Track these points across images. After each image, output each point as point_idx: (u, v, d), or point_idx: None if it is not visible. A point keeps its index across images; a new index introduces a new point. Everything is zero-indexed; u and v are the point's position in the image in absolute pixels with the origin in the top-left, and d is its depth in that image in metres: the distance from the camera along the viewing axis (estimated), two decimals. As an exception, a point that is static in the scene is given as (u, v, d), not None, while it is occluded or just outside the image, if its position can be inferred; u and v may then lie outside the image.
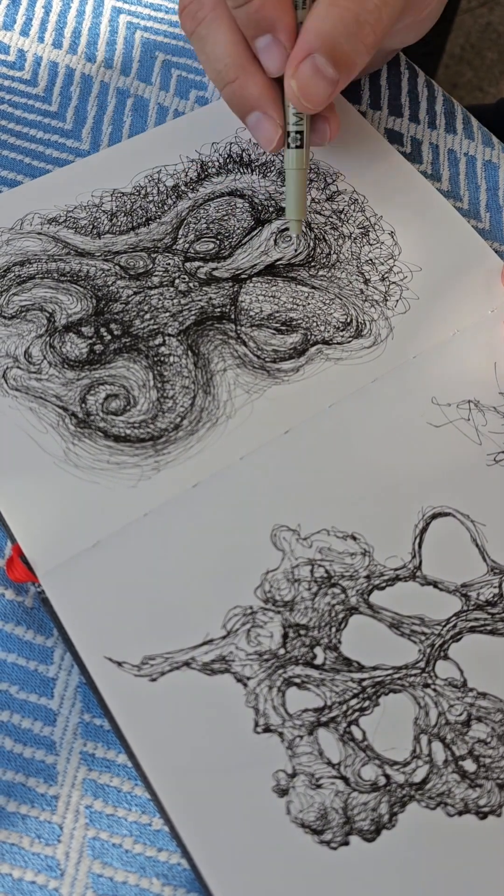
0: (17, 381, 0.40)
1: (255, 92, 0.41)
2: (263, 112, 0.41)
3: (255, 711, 0.34)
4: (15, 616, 0.37)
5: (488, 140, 0.50)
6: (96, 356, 0.41)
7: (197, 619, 0.36)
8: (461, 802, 0.33)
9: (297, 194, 0.42)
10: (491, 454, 0.40)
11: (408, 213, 0.46)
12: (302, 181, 0.42)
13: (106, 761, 0.35)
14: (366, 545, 0.37)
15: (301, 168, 0.42)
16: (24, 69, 0.51)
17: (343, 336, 0.42)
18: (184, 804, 0.33)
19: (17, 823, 0.34)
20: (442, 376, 0.42)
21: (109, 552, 0.37)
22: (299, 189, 0.42)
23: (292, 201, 0.42)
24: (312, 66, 0.39)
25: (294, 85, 0.40)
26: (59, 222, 0.45)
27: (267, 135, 0.42)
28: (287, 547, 0.37)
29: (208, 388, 0.41)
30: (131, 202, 0.46)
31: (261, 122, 0.42)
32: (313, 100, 0.40)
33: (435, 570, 0.37)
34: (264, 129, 0.42)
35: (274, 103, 0.41)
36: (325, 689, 0.35)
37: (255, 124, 0.42)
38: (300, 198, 0.42)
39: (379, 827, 0.33)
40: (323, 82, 0.39)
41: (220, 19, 0.41)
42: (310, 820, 0.33)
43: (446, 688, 0.35)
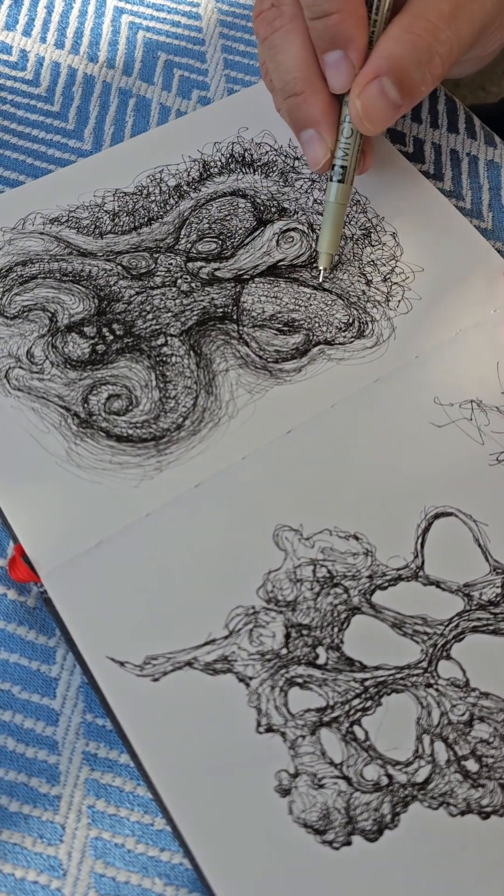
0: (20, 381, 0.40)
1: (317, 110, 0.41)
2: (318, 131, 0.42)
3: (258, 711, 0.34)
4: (17, 616, 0.37)
5: (491, 139, 0.50)
6: (98, 356, 0.41)
7: (199, 619, 0.36)
8: (464, 802, 0.33)
9: (334, 227, 0.43)
10: (493, 454, 0.40)
11: (410, 214, 0.46)
12: (340, 215, 0.43)
13: (108, 761, 0.35)
14: (368, 545, 0.37)
15: (341, 203, 0.43)
16: (27, 69, 0.51)
17: (345, 336, 0.42)
18: (186, 804, 0.33)
19: (20, 823, 0.34)
20: (444, 376, 0.42)
21: (112, 552, 0.37)
22: (336, 222, 0.43)
23: (327, 234, 0.43)
24: (379, 88, 0.40)
25: (359, 104, 0.40)
26: (62, 222, 0.45)
27: (316, 154, 0.42)
28: (289, 547, 0.37)
29: (210, 388, 0.41)
30: (133, 202, 0.46)
31: (313, 141, 0.42)
32: (374, 121, 0.40)
33: (437, 570, 0.37)
34: (315, 148, 0.42)
35: (330, 125, 0.42)
36: (328, 689, 0.35)
37: (307, 141, 0.42)
38: (335, 231, 0.43)
39: (381, 827, 0.33)
40: (387, 105, 0.40)
41: (295, 31, 0.41)
42: (312, 820, 0.33)
43: (449, 688, 0.35)
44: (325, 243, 0.43)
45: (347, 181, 0.43)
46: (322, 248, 0.43)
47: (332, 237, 0.43)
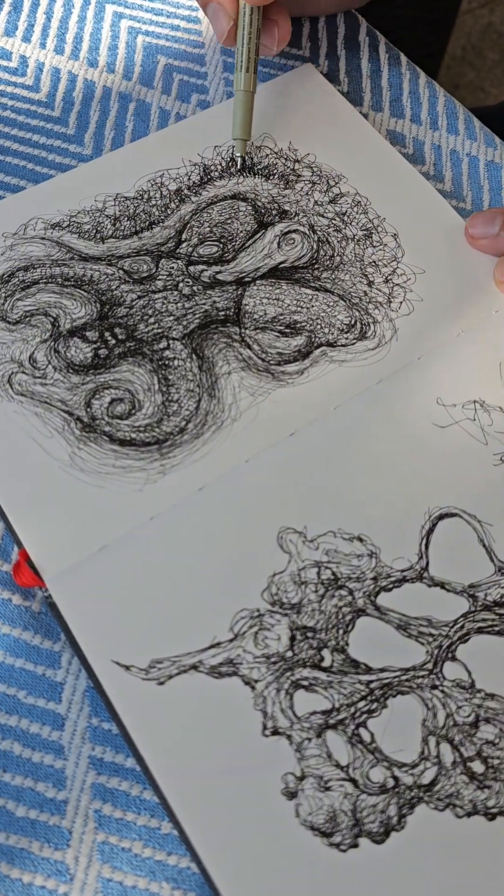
0: (23, 385, 0.40)
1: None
2: (219, 2, 0.45)
3: (263, 714, 0.34)
4: (22, 621, 0.37)
5: (490, 140, 0.50)
6: (101, 360, 0.41)
7: (204, 623, 0.36)
8: (470, 804, 0.33)
9: (243, 114, 0.46)
10: (497, 454, 0.40)
11: (411, 215, 0.46)
12: (248, 102, 0.46)
13: (114, 765, 0.35)
14: (372, 547, 0.37)
15: (248, 90, 0.46)
16: (27, 75, 0.51)
17: (347, 338, 0.42)
18: (192, 808, 0.33)
19: (26, 828, 0.34)
20: (447, 377, 0.42)
21: (116, 556, 0.37)
22: (245, 110, 0.46)
23: (238, 121, 0.46)
24: None
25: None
26: (63, 227, 0.45)
27: (219, 25, 0.46)
28: (293, 549, 0.37)
29: (213, 391, 0.41)
30: (134, 206, 0.46)
31: (216, 13, 0.46)
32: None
33: (442, 571, 0.37)
34: (219, 19, 0.46)
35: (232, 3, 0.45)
36: (333, 692, 0.35)
37: (212, 15, 0.46)
38: (245, 118, 0.46)
39: (388, 829, 0.33)
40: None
41: None
42: (319, 822, 0.33)
43: (454, 689, 0.35)
44: (238, 130, 0.46)
45: (251, 69, 0.46)
46: (235, 135, 0.46)
47: (244, 123, 0.46)
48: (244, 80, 0.46)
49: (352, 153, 0.48)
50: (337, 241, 0.45)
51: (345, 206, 0.46)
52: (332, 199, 0.46)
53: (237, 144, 0.46)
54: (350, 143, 0.48)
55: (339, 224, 0.45)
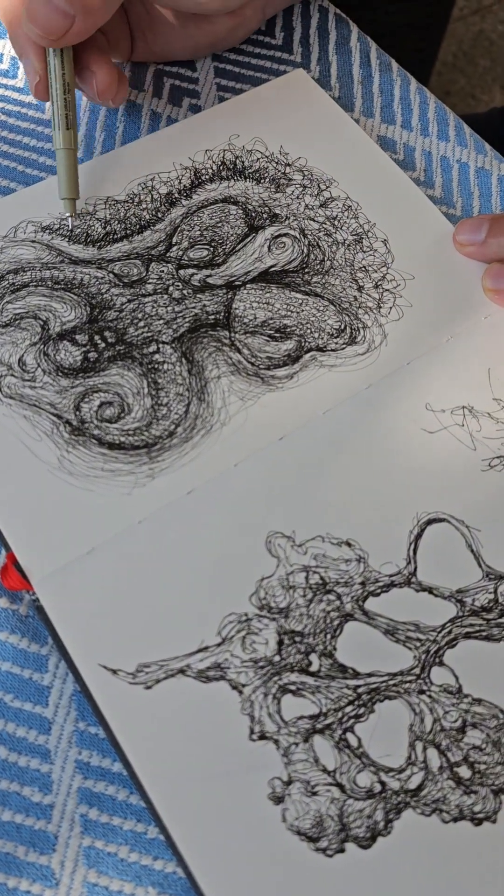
0: (12, 388, 0.40)
1: (22, 36, 0.44)
2: (29, 58, 0.44)
3: (251, 719, 0.34)
4: (9, 624, 0.37)
5: (481, 147, 0.50)
6: (90, 364, 0.41)
7: (192, 627, 0.36)
8: (456, 809, 0.33)
9: (68, 174, 0.44)
10: (486, 460, 0.40)
11: (401, 220, 0.46)
12: (70, 160, 0.44)
13: (101, 770, 0.35)
14: (360, 551, 0.37)
15: (68, 148, 0.44)
16: (17, 77, 0.51)
17: (337, 343, 0.42)
18: (179, 812, 0.33)
19: (12, 832, 0.34)
20: (436, 382, 0.42)
21: (104, 559, 0.37)
22: (69, 168, 0.44)
23: (63, 181, 0.44)
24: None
25: (24, 10, 0.42)
26: (53, 230, 0.45)
27: (30, 80, 0.45)
28: (282, 553, 0.37)
29: (203, 395, 0.41)
30: (125, 210, 0.46)
31: (26, 67, 0.44)
32: (44, 28, 0.41)
33: (430, 576, 0.37)
34: (28, 74, 0.44)
35: (37, 51, 0.44)
36: (321, 696, 0.35)
37: (25, 70, 0.45)
38: (70, 177, 0.44)
39: (374, 834, 0.33)
40: (53, 12, 0.41)
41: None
42: (305, 827, 0.33)
43: (441, 694, 0.35)
44: (64, 189, 0.44)
45: (69, 126, 0.44)
46: (63, 195, 0.44)
47: (69, 183, 0.44)
48: (62, 138, 0.44)
49: (343, 158, 0.48)
50: (327, 245, 0.45)
51: (335, 210, 0.46)
52: (322, 203, 0.46)
53: (65, 204, 0.44)
54: (341, 148, 0.48)
55: (330, 228, 0.45)
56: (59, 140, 0.44)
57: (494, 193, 0.49)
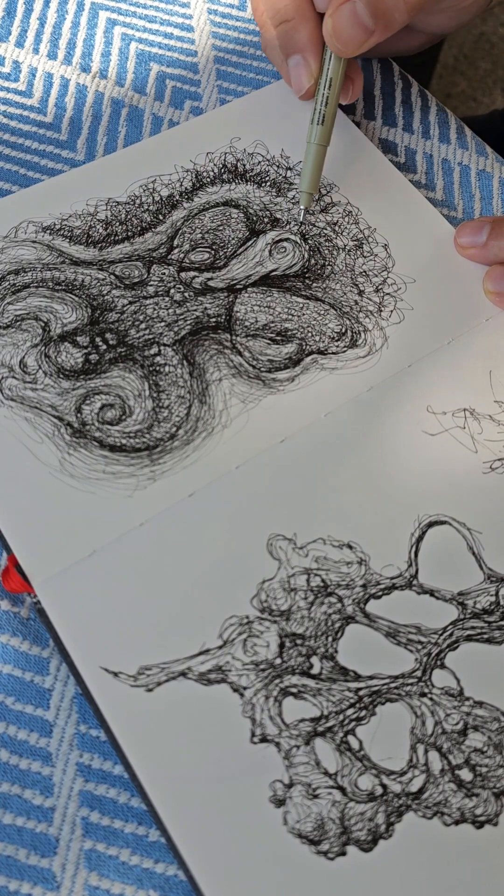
0: (13, 391, 0.40)
1: (305, 36, 0.44)
2: (304, 57, 0.44)
3: (252, 721, 0.34)
4: (11, 627, 0.37)
5: (482, 149, 0.50)
6: (91, 366, 0.41)
7: (193, 629, 0.36)
8: (458, 812, 0.33)
9: (314, 168, 0.45)
10: (487, 462, 0.40)
11: (402, 224, 0.46)
12: (320, 156, 0.45)
13: (102, 772, 0.35)
14: (362, 554, 0.37)
15: (320, 143, 0.45)
16: (20, 80, 0.51)
17: (338, 346, 0.43)
18: (180, 815, 0.33)
19: (13, 835, 0.33)
20: (437, 385, 0.42)
21: (105, 562, 0.37)
22: (316, 163, 0.45)
23: (307, 174, 0.45)
24: (351, 10, 0.42)
25: (329, 24, 0.42)
26: (54, 230, 0.45)
27: (300, 81, 0.45)
28: (283, 556, 0.37)
29: (204, 397, 0.41)
30: (126, 211, 0.46)
31: (299, 67, 0.45)
32: (345, 42, 0.42)
33: (431, 579, 0.37)
34: (300, 74, 0.45)
35: (315, 52, 0.44)
36: (322, 699, 0.35)
37: (294, 67, 0.45)
38: (316, 172, 0.45)
39: (376, 837, 0.33)
40: (357, 29, 0.42)
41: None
42: (307, 830, 0.33)
43: (443, 697, 0.35)
44: (306, 183, 0.45)
45: (326, 123, 0.45)
46: (303, 188, 0.45)
47: (313, 177, 0.45)
48: (318, 133, 0.45)
49: (343, 162, 0.48)
50: (328, 250, 0.45)
51: (336, 215, 0.46)
52: (323, 208, 0.46)
53: (302, 197, 0.45)
54: (342, 152, 0.48)
55: (330, 234, 0.46)
56: (312, 135, 0.45)
57: (495, 196, 0.49)
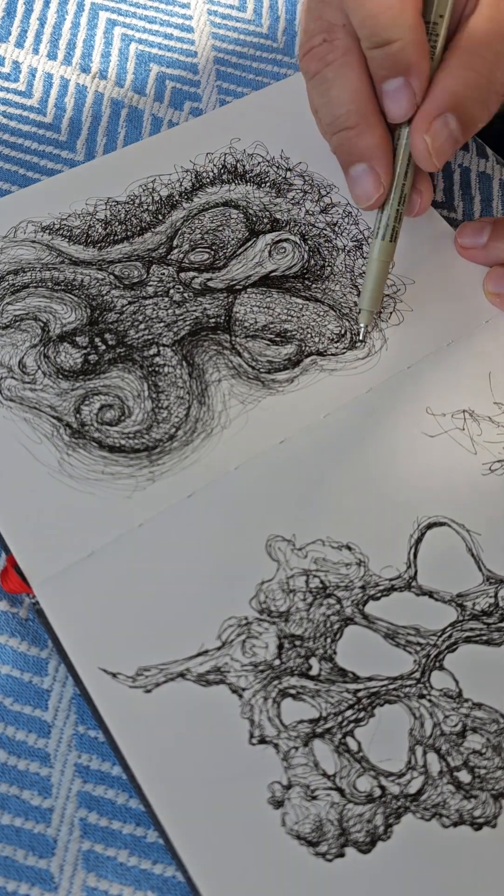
0: (12, 391, 0.40)
1: (371, 143, 0.40)
2: (371, 165, 0.41)
3: (251, 723, 0.34)
4: (9, 627, 0.37)
5: (482, 151, 0.50)
6: (91, 366, 0.41)
7: (192, 630, 0.36)
8: (456, 813, 0.33)
9: (376, 286, 0.42)
10: (486, 463, 0.40)
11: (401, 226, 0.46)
12: (383, 273, 0.42)
13: (100, 773, 0.35)
14: (361, 555, 0.37)
15: (384, 260, 0.42)
16: (19, 81, 0.51)
17: (337, 347, 0.43)
18: (178, 816, 0.33)
19: (11, 836, 0.33)
20: (436, 387, 0.42)
21: (104, 563, 0.37)
22: (379, 281, 0.42)
23: (369, 291, 0.42)
24: (446, 124, 0.39)
25: (428, 140, 0.39)
26: (53, 230, 0.45)
27: (367, 191, 0.41)
28: (282, 557, 0.37)
29: (203, 398, 0.41)
30: (125, 211, 0.46)
31: (365, 176, 0.41)
32: (441, 158, 0.40)
33: (430, 580, 0.37)
34: (367, 182, 0.41)
35: (384, 159, 0.41)
36: (321, 700, 0.35)
37: (358, 176, 0.41)
38: (378, 289, 0.42)
39: (374, 838, 0.33)
40: (452, 144, 0.40)
41: (349, 65, 0.40)
42: (305, 832, 0.33)
43: (441, 698, 0.35)
44: (367, 301, 0.42)
45: (395, 240, 0.42)
46: (363, 306, 0.42)
47: (375, 295, 0.42)
48: (385, 250, 0.42)
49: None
50: (328, 251, 0.45)
51: (336, 216, 0.46)
52: (323, 208, 0.46)
53: (363, 315, 0.42)
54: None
55: (330, 234, 0.46)
56: (377, 250, 0.42)
57: (496, 197, 0.49)
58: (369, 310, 0.42)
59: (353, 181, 0.42)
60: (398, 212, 0.42)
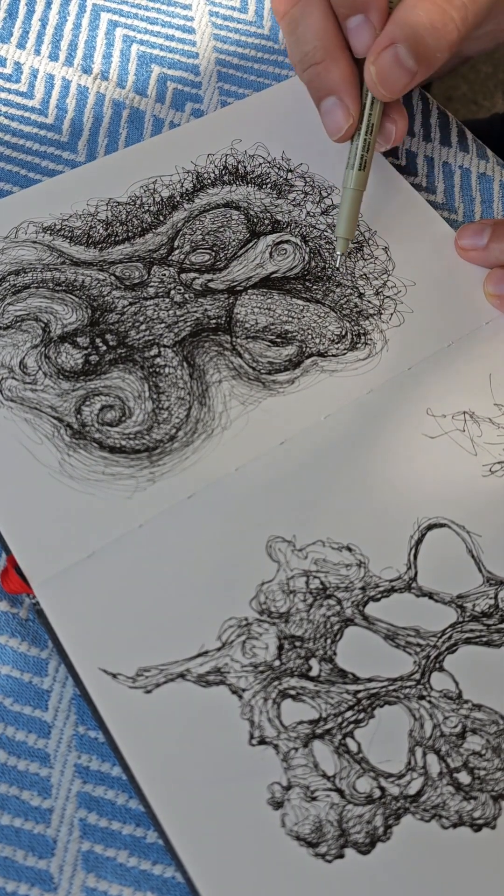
0: (12, 391, 0.40)
1: (338, 76, 0.42)
2: (340, 98, 0.42)
3: (250, 723, 0.34)
4: (9, 628, 0.37)
5: (483, 152, 0.50)
6: (91, 367, 0.41)
7: (192, 631, 0.36)
8: (456, 815, 0.33)
9: (350, 214, 0.44)
10: (486, 465, 0.40)
11: (402, 227, 0.46)
12: (357, 202, 0.44)
13: (100, 774, 0.35)
14: (361, 556, 0.37)
15: (357, 189, 0.43)
16: (21, 81, 0.51)
17: (338, 348, 0.43)
18: (178, 817, 0.33)
19: (11, 836, 0.33)
20: (437, 388, 0.42)
21: (104, 563, 0.37)
22: (353, 209, 0.44)
23: (344, 220, 0.44)
24: (394, 55, 0.41)
25: (373, 70, 0.41)
26: (55, 231, 0.45)
27: (337, 122, 0.43)
28: (282, 558, 0.37)
29: (204, 399, 0.41)
30: (127, 212, 0.46)
31: (335, 108, 0.43)
32: (390, 87, 0.41)
33: (430, 582, 0.37)
34: (336, 115, 0.43)
35: (352, 92, 0.42)
36: (321, 701, 0.35)
37: (328, 109, 0.43)
38: (352, 217, 0.44)
39: (374, 839, 0.33)
40: (401, 72, 0.41)
41: (315, 3, 0.42)
42: (305, 833, 0.33)
43: (441, 700, 0.35)
44: (342, 229, 0.44)
45: (366, 169, 0.43)
46: (339, 234, 0.44)
47: (349, 222, 0.44)
48: (355, 178, 0.43)
49: (344, 164, 0.48)
50: (328, 252, 0.45)
51: (337, 218, 0.46)
52: (324, 210, 0.46)
53: (339, 242, 0.44)
54: (342, 155, 0.48)
55: (331, 236, 0.46)
56: (350, 179, 0.43)
57: (496, 199, 0.49)
58: (345, 237, 0.44)
59: (324, 114, 0.43)
60: (366, 141, 0.43)
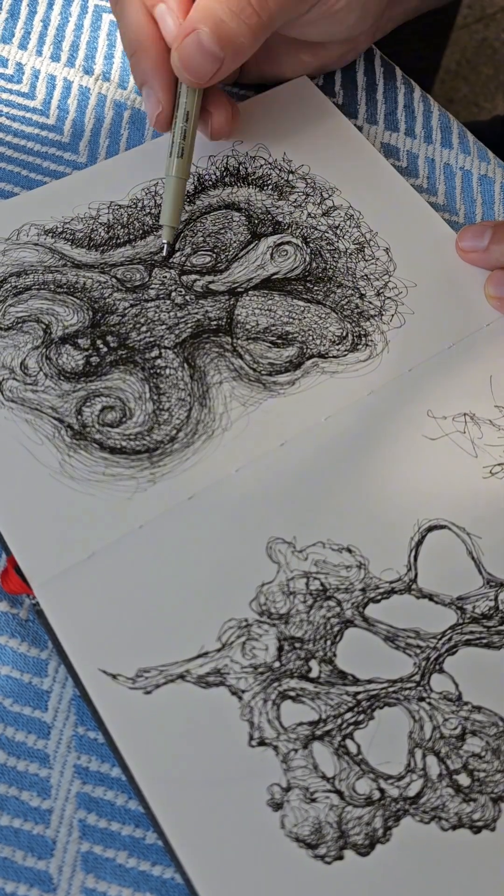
0: (13, 392, 0.40)
1: (148, 66, 0.43)
2: (150, 87, 0.43)
3: (250, 725, 0.34)
4: (9, 628, 0.37)
5: (484, 154, 0.50)
6: (92, 368, 0.41)
7: (192, 632, 0.36)
8: (455, 817, 0.33)
9: (174, 201, 0.44)
10: (487, 466, 0.40)
11: (403, 229, 0.46)
12: (179, 189, 0.44)
13: (100, 774, 0.35)
14: (361, 558, 0.37)
15: (179, 177, 0.44)
16: (23, 82, 0.51)
17: (339, 350, 0.43)
18: (178, 818, 0.33)
19: (10, 837, 0.33)
20: (437, 389, 0.42)
21: (105, 564, 0.37)
22: (175, 196, 0.44)
23: (168, 208, 0.44)
24: (196, 40, 0.41)
25: (177, 56, 0.41)
26: (56, 233, 0.45)
27: (149, 110, 0.44)
28: (282, 559, 0.37)
29: (204, 400, 0.41)
30: (128, 214, 0.46)
31: (148, 97, 0.43)
32: (195, 73, 0.41)
33: (430, 583, 0.37)
34: (149, 103, 0.43)
35: (161, 80, 0.43)
36: (320, 703, 0.35)
37: (145, 98, 0.44)
38: (175, 205, 0.44)
39: (373, 841, 0.33)
40: (205, 57, 0.41)
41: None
42: (304, 834, 0.33)
43: (441, 701, 0.35)
44: (166, 216, 0.44)
45: (185, 156, 0.44)
46: (163, 221, 0.44)
47: (173, 210, 0.44)
48: (177, 166, 0.43)
49: (346, 166, 0.48)
50: (329, 254, 0.45)
51: (338, 219, 0.46)
52: (325, 211, 0.46)
53: (164, 231, 0.43)
54: (344, 156, 0.48)
55: (332, 237, 0.46)
56: (171, 167, 0.43)
57: (497, 201, 0.49)
58: (170, 225, 0.44)
59: (144, 103, 0.44)
60: (183, 129, 0.43)
